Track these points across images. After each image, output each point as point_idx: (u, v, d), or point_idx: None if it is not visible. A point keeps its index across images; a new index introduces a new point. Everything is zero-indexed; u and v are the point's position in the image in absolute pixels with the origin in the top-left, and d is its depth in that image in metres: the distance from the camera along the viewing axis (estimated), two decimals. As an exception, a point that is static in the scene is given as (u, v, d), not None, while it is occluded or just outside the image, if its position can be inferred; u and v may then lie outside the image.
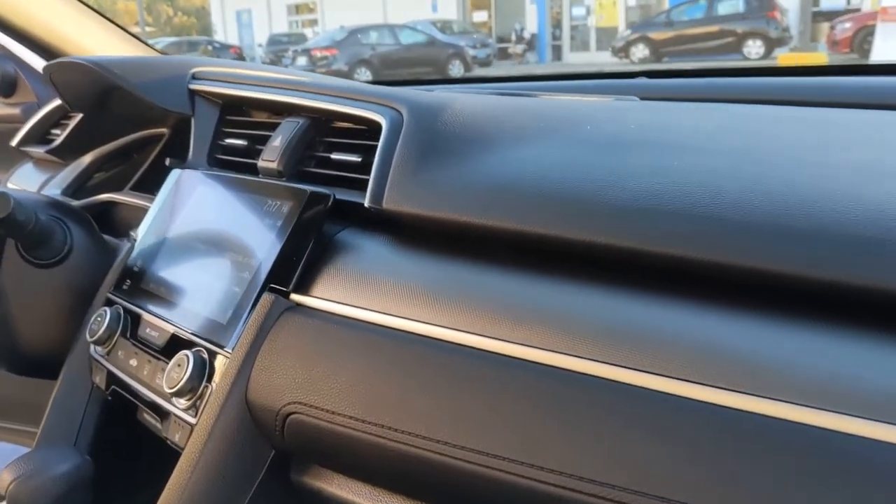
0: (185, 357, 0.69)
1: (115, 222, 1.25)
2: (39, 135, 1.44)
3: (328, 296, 0.66)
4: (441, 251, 0.65)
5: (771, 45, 15.55)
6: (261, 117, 0.98)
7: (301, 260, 0.68)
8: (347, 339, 0.61)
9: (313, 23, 22.58)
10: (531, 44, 20.30)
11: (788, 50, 13.50)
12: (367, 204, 0.69)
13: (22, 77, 1.67)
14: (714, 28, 16.21)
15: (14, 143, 1.46)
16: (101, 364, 0.84)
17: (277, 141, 0.84)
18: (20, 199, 0.91)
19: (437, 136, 0.69)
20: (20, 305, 1.01)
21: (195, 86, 1.04)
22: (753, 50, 15.77)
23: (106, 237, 1.10)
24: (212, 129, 1.00)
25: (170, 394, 0.69)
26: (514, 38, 20.16)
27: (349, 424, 0.58)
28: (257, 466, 0.66)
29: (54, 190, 1.33)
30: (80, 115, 1.31)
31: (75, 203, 1.25)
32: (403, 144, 0.69)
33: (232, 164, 0.95)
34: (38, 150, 1.39)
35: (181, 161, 1.05)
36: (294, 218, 0.70)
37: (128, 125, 1.34)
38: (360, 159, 0.77)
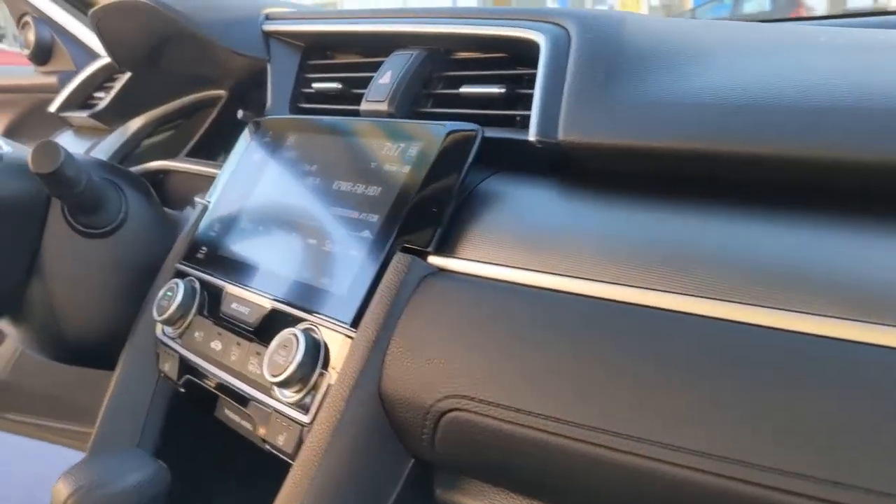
0: (293, 337, 0.53)
1: (168, 192, 1.10)
2: (81, 99, 1.30)
3: (483, 256, 0.50)
4: (632, 195, 0.49)
5: (799, 41, 15.27)
6: (350, 59, 0.83)
7: (444, 212, 0.53)
8: (525, 310, 0.45)
9: (334, 20, 22.49)
10: (553, 41, 20.03)
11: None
12: (533, 137, 0.53)
13: (59, 42, 1.54)
14: (741, 24, 15.97)
15: (53, 108, 1.32)
16: (172, 349, 0.68)
17: (386, 77, 0.69)
18: (71, 156, 0.76)
19: (619, 52, 0.53)
20: (65, 282, 0.86)
21: (270, 27, 0.88)
22: (781, 46, 15.50)
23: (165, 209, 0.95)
24: (292, 76, 0.84)
25: (273, 384, 0.53)
26: (536, 35, 19.90)
27: (539, 426, 0.42)
28: (392, 480, 0.51)
29: (99, 158, 1.18)
30: (128, 75, 1.17)
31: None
32: (579, 63, 0.53)
33: (321, 114, 0.79)
34: (80, 116, 1.24)
35: (249, 116, 0.90)
36: (429, 161, 0.55)
37: (180, 86, 1.19)
38: (502, 90, 0.61)
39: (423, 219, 0.53)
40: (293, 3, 0.98)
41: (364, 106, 0.70)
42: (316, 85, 0.79)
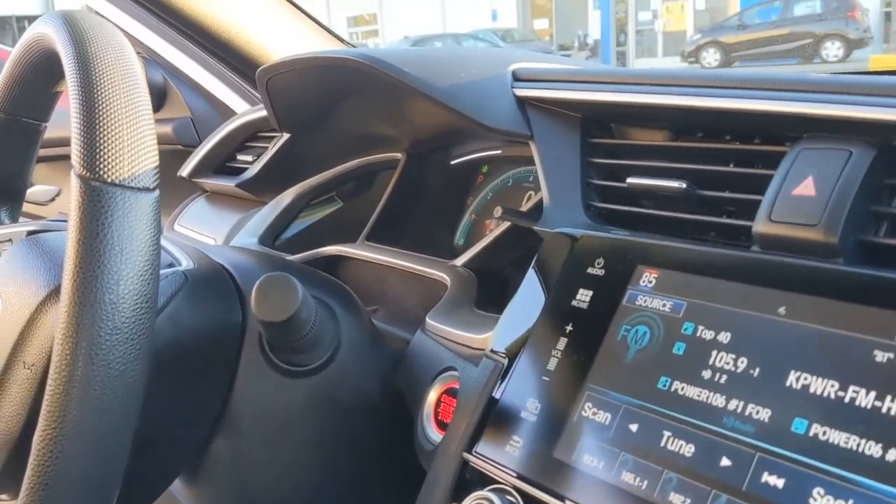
0: None
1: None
2: (218, 163, 1.08)
3: None
4: None
5: (850, 46, 14.79)
6: (655, 139, 0.60)
7: None
8: None
9: (373, 34, 22.47)
10: (594, 50, 19.90)
11: (882, 52, 12.74)
12: None
13: (172, 87, 1.33)
14: (790, 30, 15.58)
15: (184, 173, 1.11)
16: None
17: (806, 186, 0.45)
18: (300, 287, 0.54)
19: None
20: (260, 431, 0.64)
21: (525, 91, 0.66)
22: (832, 52, 15.07)
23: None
24: (574, 161, 0.61)
25: None
26: (576, 44, 19.81)
27: None
28: None
29: (248, 238, 0.97)
30: (284, 138, 0.95)
31: (290, 258, 0.89)
32: None
33: (646, 223, 0.56)
34: (223, 184, 1.03)
35: (523, 214, 0.67)
36: None
37: (347, 149, 0.98)
38: None
39: None
40: (537, 55, 0.74)
41: (764, 227, 0.46)
42: (634, 180, 0.56)
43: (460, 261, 0.76)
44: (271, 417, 0.64)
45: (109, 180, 0.46)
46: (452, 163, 0.97)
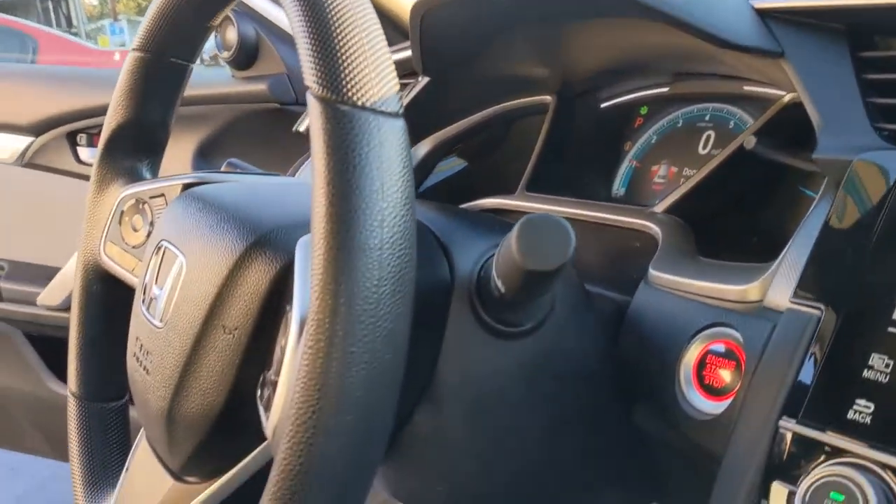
0: None
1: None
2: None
3: None
4: None
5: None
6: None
7: None
8: None
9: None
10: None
11: None
12: None
13: (266, 41, 1.25)
14: None
15: (302, 128, 1.02)
16: None
17: None
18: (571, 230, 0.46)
19: None
20: (470, 403, 0.56)
21: (767, 2, 0.56)
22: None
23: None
24: (847, 79, 0.51)
25: None
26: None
27: None
28: None
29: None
30: (423, 82, 0.86)
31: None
32: None
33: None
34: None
35: (788, 142, 0.57)
36: None
37: (490, 92, 0.89)
38: None
39: None
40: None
41: None
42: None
43: (660, 207, 0.68)
44: (480, 385, 0.56)
45: (360, 103, 0.38)
46: (602, 106, 0.88)
